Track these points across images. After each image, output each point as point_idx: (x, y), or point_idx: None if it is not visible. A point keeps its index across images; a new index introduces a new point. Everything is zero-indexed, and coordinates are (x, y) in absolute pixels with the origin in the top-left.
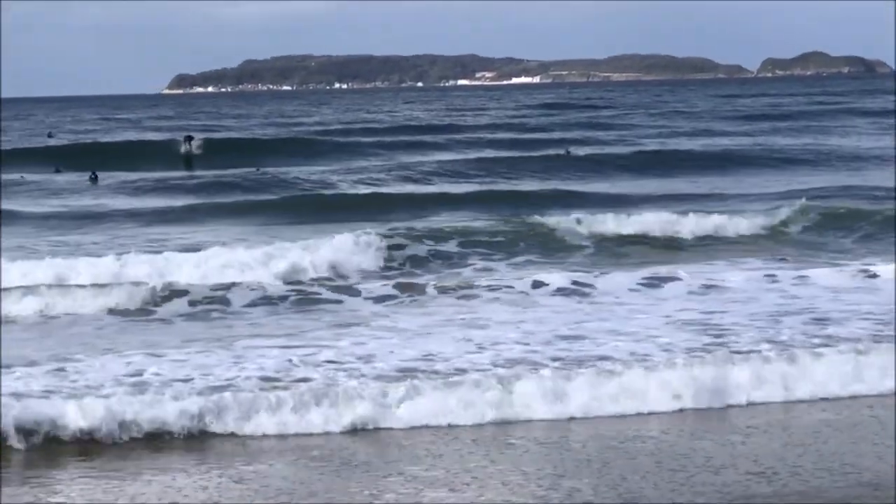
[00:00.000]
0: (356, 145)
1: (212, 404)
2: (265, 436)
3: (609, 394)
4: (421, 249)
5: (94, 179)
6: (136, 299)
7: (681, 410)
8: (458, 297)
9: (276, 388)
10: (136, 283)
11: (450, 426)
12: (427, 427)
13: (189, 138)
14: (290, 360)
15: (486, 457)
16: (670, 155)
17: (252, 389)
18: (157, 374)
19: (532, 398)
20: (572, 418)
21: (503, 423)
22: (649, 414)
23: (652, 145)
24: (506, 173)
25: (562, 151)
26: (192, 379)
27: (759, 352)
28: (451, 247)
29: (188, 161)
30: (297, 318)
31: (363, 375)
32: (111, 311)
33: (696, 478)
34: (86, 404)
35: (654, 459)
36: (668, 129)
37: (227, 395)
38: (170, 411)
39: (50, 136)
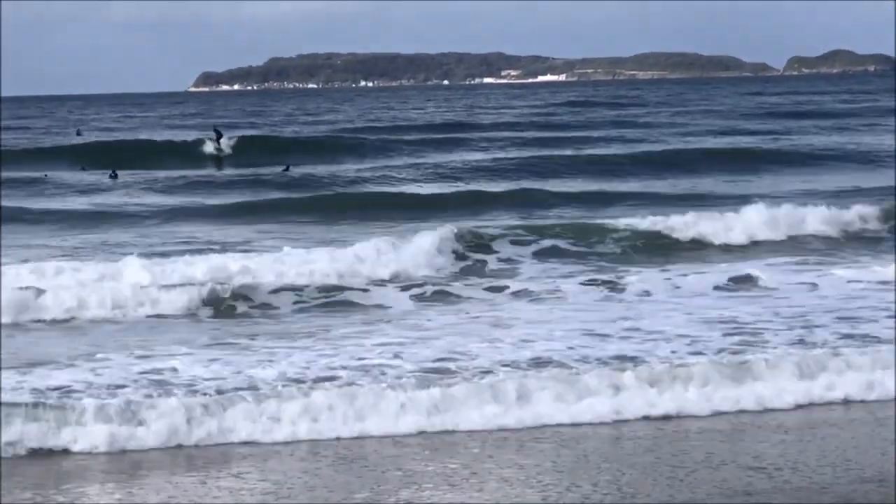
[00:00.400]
0: (399, 143)
1: None
2: None
3: None
4: (504, 249)
5: (114, 176)
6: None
7: None
8: (556, 300)
9: None
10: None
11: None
12: None
13: (219, 135)
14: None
15: None
16: (720, 153)
17: None
18: None
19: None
20: None
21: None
22: None
23: (705, 143)
24: (548, 172)
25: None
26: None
27: None
28: (523, 248)
29: (218, 159)
30: (452, 318)
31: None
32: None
33: None
34: None
35: None
36: (717, 126)
37: None
38: None
39: (79, 133)
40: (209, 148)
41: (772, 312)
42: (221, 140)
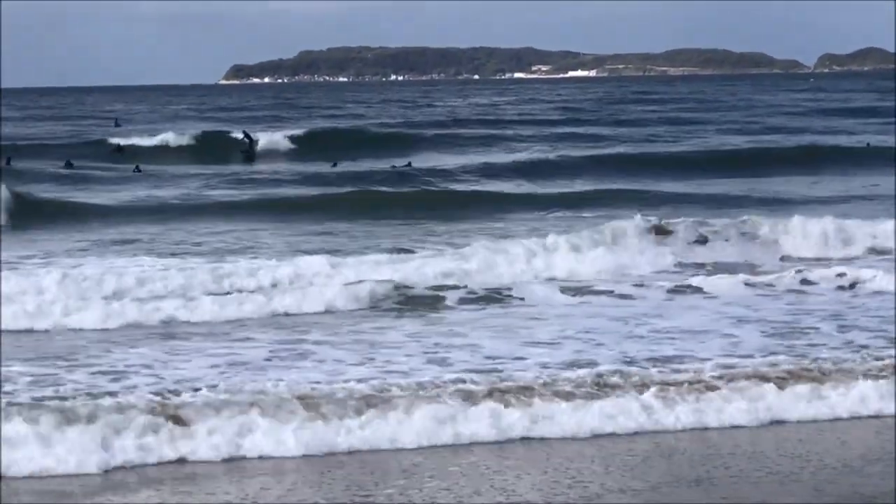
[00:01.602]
0: (456, 137)
1: None
2: None
3: None
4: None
5: (138, 170)
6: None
7: None
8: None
9: None
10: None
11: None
12: None
13: (250, 140)
14: None
15: None
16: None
17: None
18: None
19: None
20: None
21: None
22: None
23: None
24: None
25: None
26: None
27: None
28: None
29: (249, 158)
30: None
31: None
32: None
33: None
34: None
35: None
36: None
37: None
38: None
39: (117, 124)
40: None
41: None
42: (253, 144)
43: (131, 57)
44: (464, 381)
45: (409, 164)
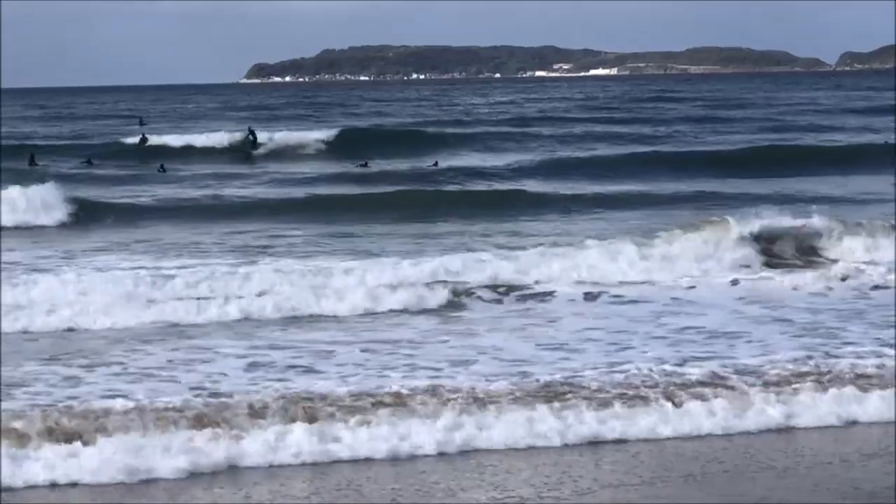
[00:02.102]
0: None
1: None
2: None
3: None
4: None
5: (162, 170)
6: None
7: None
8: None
9: None
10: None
11: None
12: None
13: (254, 136)
14: None
15: None
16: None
17: None
18: None
19: None
20: None
21: None
22: None
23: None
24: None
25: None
26: None
27: None
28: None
29: (249, 155)
30: None
31: None
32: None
33: None
34: None
35: None
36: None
37: None
38: None
39: (142, 122)
40: (247, 146)
41: None
42: (257, 142)
43: (152, 56)
44: None
45: (436, 164)
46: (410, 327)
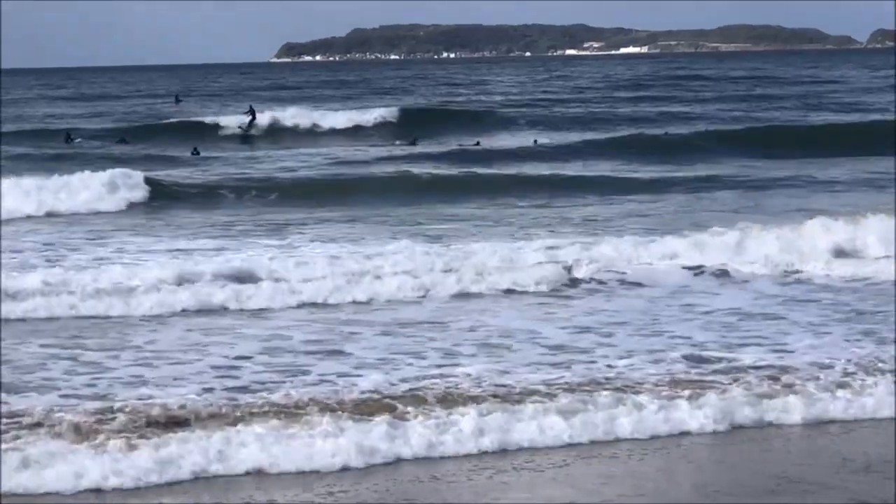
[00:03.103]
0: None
1: None
2: None
3: None
4: None
5: (196, 152)
6: None
7: None
8: None
9: None
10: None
11: None
12: None
13: (252, 115)
14: None
15: None
16: None
17: None
18: None
19: None
20: None
21: None
22: None
23: None
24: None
25: None
26: None
27: None
28: None
29: (245, 137)
30: None
31: None
32: None
33: None
34: None
35: None
36: None
37: None
38: None
39: (178, 100)
40: (241, 127)
41: None
42: (254, 122)
43: (182, 35)
44: None
45: (478, 143)
46: None
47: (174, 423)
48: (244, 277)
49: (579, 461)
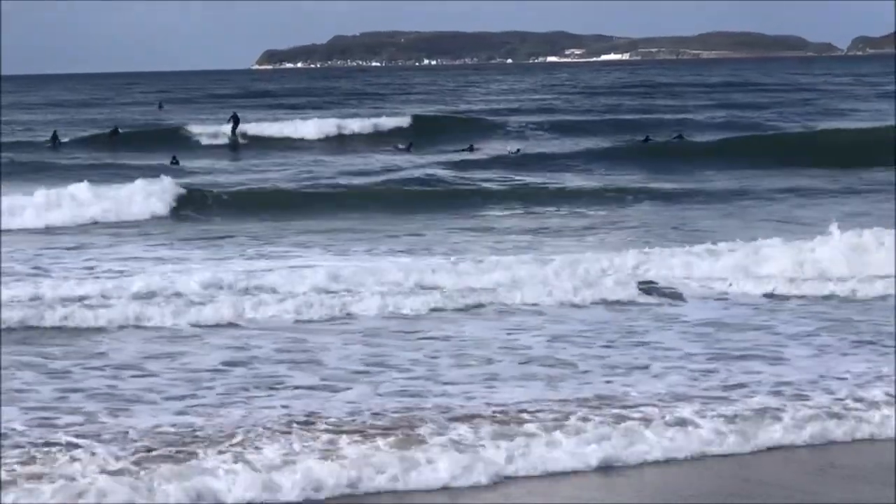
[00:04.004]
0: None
1: None
2: None
3: None
4: None
5: (175, 162)
6: None
7: None
8: None
9: None
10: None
11: None
12: None
13: (235, 122)
14: None
15: None
16: None
17: None
18: None
19: None
20: None
21: None
22: None
23: None
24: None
25: None
26: None
27: None
28: None
29: (234, 145)
30: None
31: None
32: None
33: None
34: None
35: None
36: None
37: None
38: None
39: (161, 107)
40: (226, 134)
41: None
42: (237, 130)
43: (162, 42)
44: None
45: (518, 151)
46: None
47: None
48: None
49: None
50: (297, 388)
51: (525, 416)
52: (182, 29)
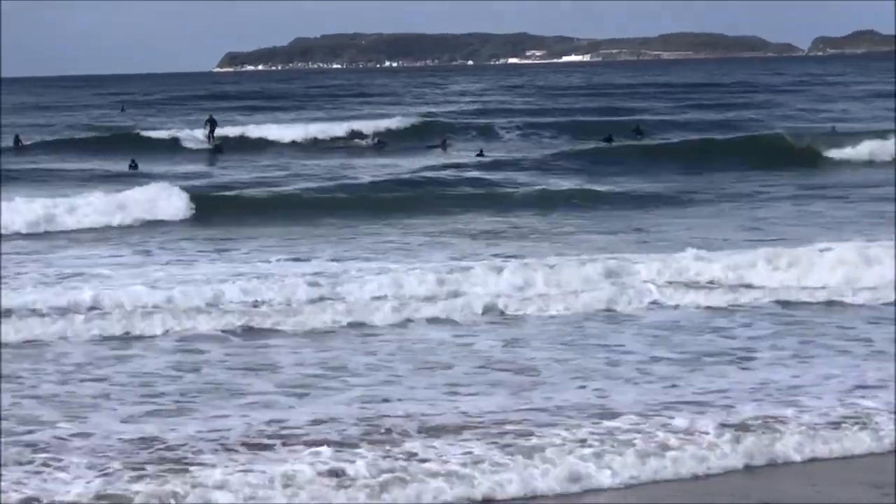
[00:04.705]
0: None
1: None
2: None
3: None
4: None
5: (134, 166)
6: None
7: None
8: None
9: None
10: None
11: None
12: None
13: (212, 125)
14: None
15: None
16: None
17: None
18: None
19: None
20: None
21: None
22: None
23: None
24: None
25: None
26: None
27: None
28: None
29: (215, 149)
30: None
31: None
32: None
33: None
34: None
35: None
36: None
37: None
38: None
39: (123, 109)
40: (203, 138)
41: None
42: (214, 134)
43: (122, 45)
44: None
45: (481, 152)
46: None
47: None
48: None
49: None
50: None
51: None
52: (140, 32)
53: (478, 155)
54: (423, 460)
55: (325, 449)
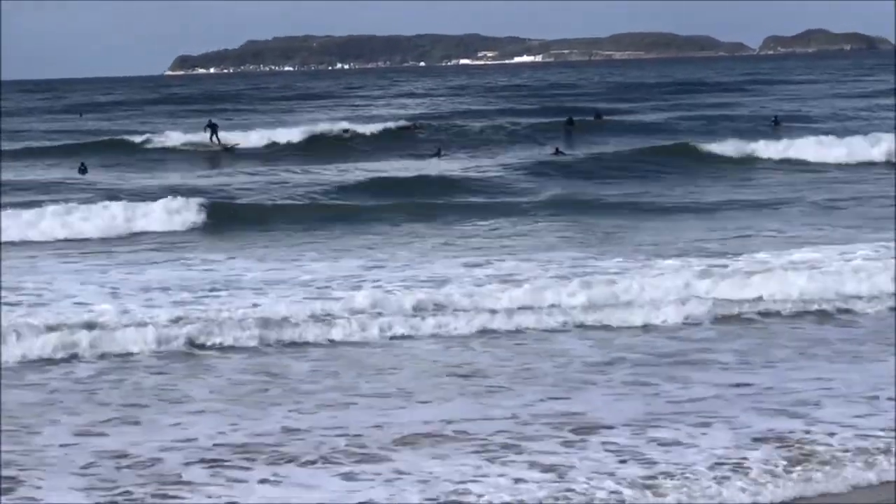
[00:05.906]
0: None
1: None
2: None
3: None
4: None
5: (84, 170)
6: None
7: None
8: None
9: None
10: None
11: None
12: None
13: (213, 129)
14: None
15: None
16: None
17: None
18: None
19: None
20: None
21: None
22: None
23: None
24: None
25: None
26: None
27: None
28: None
29: (225, 150)
30: None
31: None
32: None
33: None
34: None
35: None
36: None
37: None
38: None
39: (80, 115)
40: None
41: None
42: (216, 136)
43: (73, 47)
44: None
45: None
46: None
47: None
48: None
49: None
50: None
51: None
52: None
53: (434, 155)
54: None
55: None
